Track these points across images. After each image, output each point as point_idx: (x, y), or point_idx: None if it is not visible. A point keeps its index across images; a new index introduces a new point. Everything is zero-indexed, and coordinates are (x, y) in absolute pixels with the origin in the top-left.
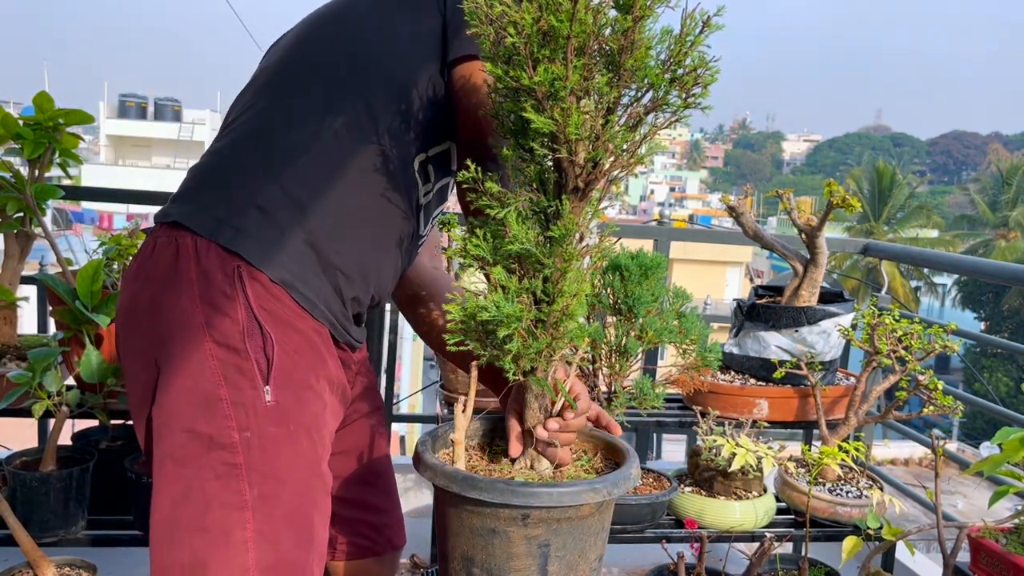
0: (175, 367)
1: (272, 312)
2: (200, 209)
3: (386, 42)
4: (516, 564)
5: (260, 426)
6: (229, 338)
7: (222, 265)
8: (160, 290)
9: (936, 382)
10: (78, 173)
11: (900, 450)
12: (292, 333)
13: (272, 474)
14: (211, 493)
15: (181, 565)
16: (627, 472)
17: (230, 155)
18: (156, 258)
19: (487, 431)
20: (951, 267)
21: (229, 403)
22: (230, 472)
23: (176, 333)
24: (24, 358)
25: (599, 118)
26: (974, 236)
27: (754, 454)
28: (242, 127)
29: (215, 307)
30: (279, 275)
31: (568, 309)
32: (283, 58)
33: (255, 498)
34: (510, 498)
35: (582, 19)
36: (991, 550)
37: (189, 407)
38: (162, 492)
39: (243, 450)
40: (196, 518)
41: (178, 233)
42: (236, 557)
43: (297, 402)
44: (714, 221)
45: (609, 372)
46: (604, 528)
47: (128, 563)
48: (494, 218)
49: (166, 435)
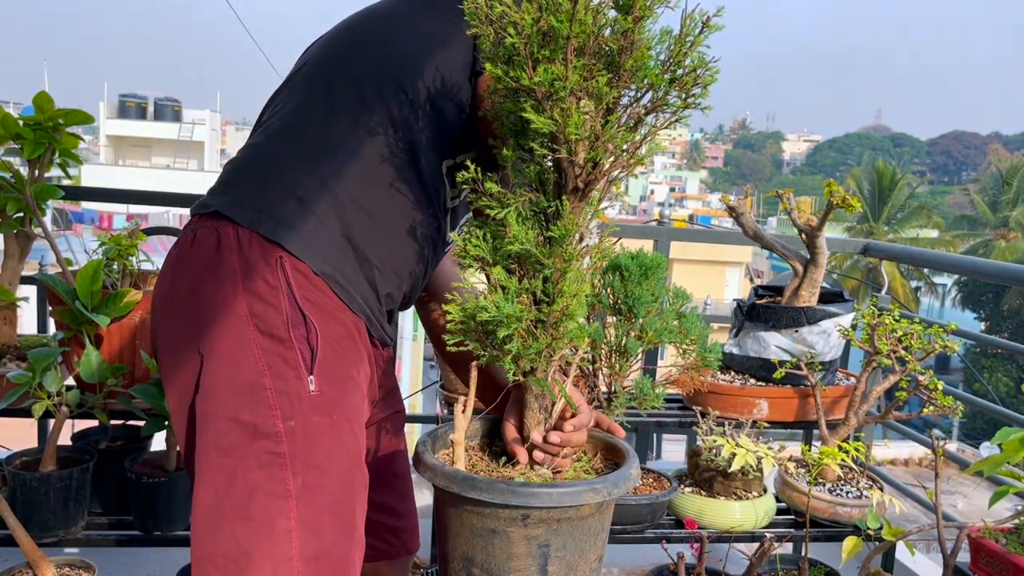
0: (218, 356)
1: (315, 302)
2: (240, 200)
3: (419, 46)
4: (516, 564)
5: (304, 415)
6: (273, 327)
7: (264, 255)
8: (201, 279)
9: (936, 382)
10: (78, 173)
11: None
12: (334, 324)
13: (315, 464)
14: (255, 482)
15: (224, 554)
16: (627, 472)
17: (268, 149)
18: (196, 248)
19: (487, 432)
20: (951, 267)
21: (273, 392)
22: (274, 461)
23: (219, 322)
24: (24, 358)
25: (599, 118)
26: (974, 236)
27: (754, 454)
28: (280, 122)
29: (258, 296)
30: (320, 267)
31: (568, 309)
32: (320, 57)
33: (299, 487)
34: (510, 498)
35: (582, 19)
36: (991, 550)
37: (233, 396)
38: (205, 482)
39: (287, 439)
40: (239, 507)
41: (219, 223)
42: (280, 547)
43: (340, 392)
44: (714, 221)
45: (609, 372)
46: (604, 528)
47: (128, 563)
48: (494, 218)
49: (210, 424)
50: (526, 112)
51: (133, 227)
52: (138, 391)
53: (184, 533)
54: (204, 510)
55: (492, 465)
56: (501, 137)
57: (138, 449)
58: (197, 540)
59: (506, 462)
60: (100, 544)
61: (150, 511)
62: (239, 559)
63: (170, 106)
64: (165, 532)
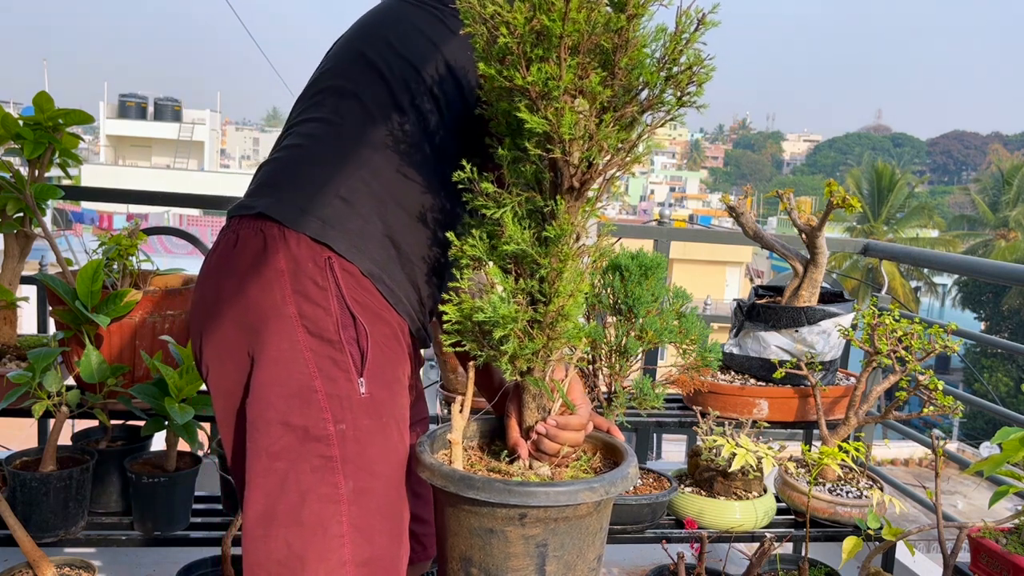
0: (268, 359)
1: (363, 304)
2: (284, 201)
3: (445, 48)
4: (514, 564)
5: (355, 418)
6: (323, 329)
7: (313, 256)
8: (247, 281)
9: (936, 382)
10: (78, 173)
11: (900, 450)
12: (382, 325)
13: (367, 467)
14: (307, 486)
15: (278, 560)
16: (624, 471)
17: (308, 149)
18: (240, 250)
19: (486, 431)
20: (951, 267)
21: (324, 395)
22: (326, 465)
23: (267, 325)
24: (24, 358)
25: (593, 117)
26: (974, 236)
27: (754, 454)
28: (315, 124)
29: (307, 298)
30: (368, 267)
31: (564, 310)
32: (347, 59)
33: (350, 491)
34: (507, 497)
35: (575, 18)
36: (991, 550)
37: (283, 399)
38: (256, 486)
39: (338, 443)
40: (292, 512)
41: (263, 224)
42: (333, 551)
43: (389, 394)
44: (714, 221)
45: (609, 372)
46: (602, 528)
47: (128, 563)
48: (490, 218)
49: (261, 428)
50: (520, 112)
51: (133, 227)
52: (138, 391)
53: (184, 533)
54: (256, 515)
55: (491, 465)
56: (498, 136)
57: (138, 449)
58: (249, 546)
59: (509, 462)
60: (100, 544)
61: (150, 511)
62: (292, 564)
63: (170, 106)
64: (165, 532)
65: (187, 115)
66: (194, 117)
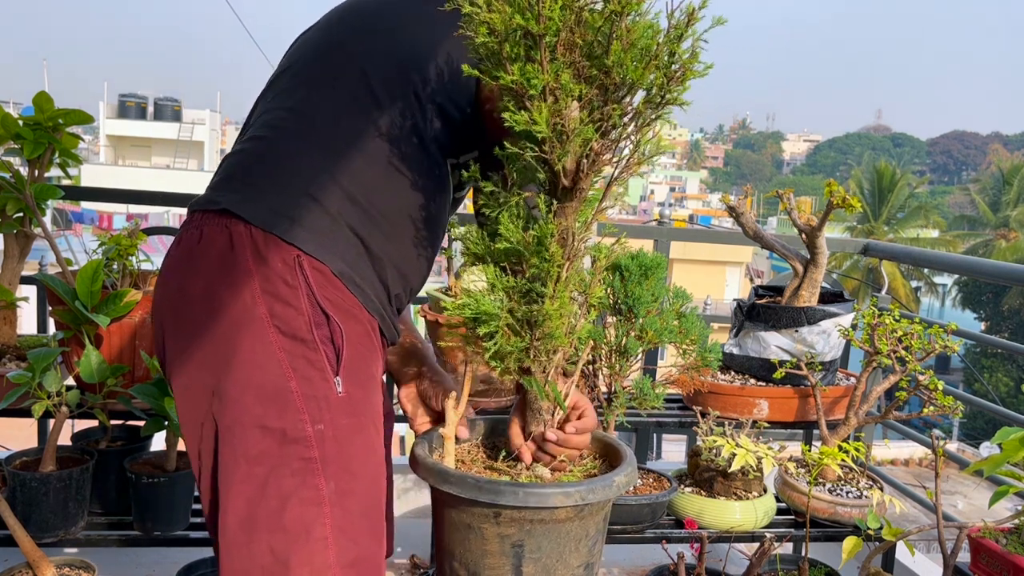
0: (240, 361)
1: (335, 302)
2: (251, 198)
3: (427, 39)
4: (490, 562)
5: (333, 418)
6: (296, 329)
7: (282, 255)
8: (214, 281)
9: (936, 382)
10: (78, 173)
11: (900, 450)
12: (354, 323)
13: (347, 467)
14: (288, 489)
15: (262, 566)
16: (608, 480)
17: (276, 143)
18: (205, 247)
19: (489, 431)
20: (951, 267)
21: (300, 396)
22: (306, 467)
23: (237, 326)
24: (24, 358)
25: (570, 114)
26: (974, 236)
27: (754, 454)
28: (285, 115)
29: (278, 297)
30: (338, 267)
31: (546, 310)
32: (322, 47)
33: (332, 493)
34: (477, 494)
35: (548, 15)
36: (991, 550)
37: (258, 402)
38: (235, 493)
39: (317, 444)
40: (273, 517)
41: (229, 221)
42: (317, 555)
43: (364, 392)
44: (714, 221)
45: (609, 372)
46: (588, 535)
47: (128, 563)
48: (492, 217)
49: (238, 433)
50: (507, 111)
51: (133, 227)
52: (138, 391)
53: (184, 533)
54: (236, 522)
55: (489, 463)
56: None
57: (138, 449)
58: (230, 554)
59: (512, 463)
60: (100, 544)
61: (150, 511)
62: (276, 570)
63: (170, 106)
64: (165, 532)
65: (187, 115)
66: (194, 117)
